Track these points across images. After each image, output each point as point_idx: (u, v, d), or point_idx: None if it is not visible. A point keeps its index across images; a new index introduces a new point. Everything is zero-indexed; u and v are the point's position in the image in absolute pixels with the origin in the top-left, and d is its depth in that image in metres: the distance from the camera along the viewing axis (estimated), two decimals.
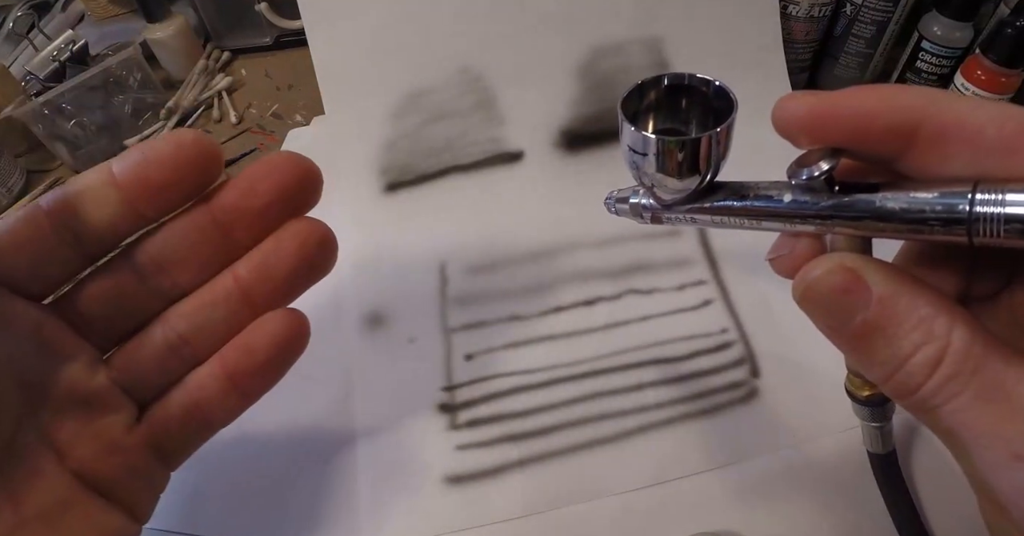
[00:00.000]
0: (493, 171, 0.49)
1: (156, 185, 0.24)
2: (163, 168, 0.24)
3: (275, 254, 0.26)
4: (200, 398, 0.27)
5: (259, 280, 0.26)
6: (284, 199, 0.25)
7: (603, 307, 0.42)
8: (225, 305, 0.26)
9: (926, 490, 0.32)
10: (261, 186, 0.25)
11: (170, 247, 0.26)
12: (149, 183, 0.23)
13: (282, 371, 0.28)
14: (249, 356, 0.27)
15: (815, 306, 0.19)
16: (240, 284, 0.26)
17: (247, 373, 0.27)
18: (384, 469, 0.36)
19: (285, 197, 0.25)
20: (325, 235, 0.27)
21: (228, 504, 0.35)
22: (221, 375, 0.27)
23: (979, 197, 0.16)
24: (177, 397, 0.27)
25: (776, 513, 0.32)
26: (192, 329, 0.26)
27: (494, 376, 0.39)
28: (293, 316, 0.27)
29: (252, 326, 0.27)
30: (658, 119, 0.22)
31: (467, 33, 0.48)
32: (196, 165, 0.24)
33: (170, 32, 0.63)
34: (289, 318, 0.27)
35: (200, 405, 0.27)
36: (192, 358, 0.27)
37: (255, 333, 0.27)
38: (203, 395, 0.27)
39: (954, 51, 0.46)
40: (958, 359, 0.16)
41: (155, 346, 0.26)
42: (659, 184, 0.22)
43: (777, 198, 0.21)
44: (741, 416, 0.36)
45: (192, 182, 0.25)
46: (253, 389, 0.28)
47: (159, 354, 0.26)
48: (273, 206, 0.25)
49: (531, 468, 0.35)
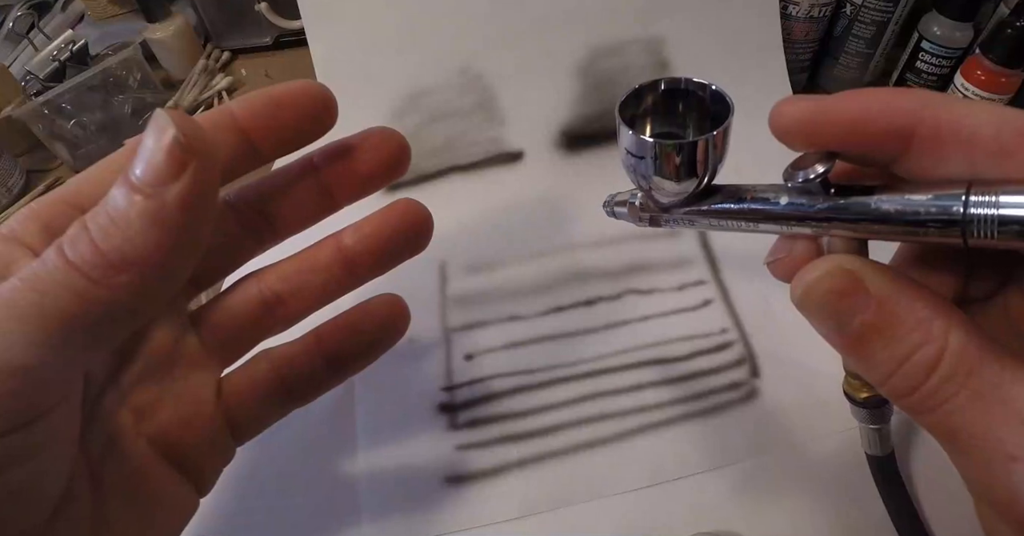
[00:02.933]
0: (493, 171, 0.49)
1: (280, 124, 0.24)
2: (288, 110, 0.24)
3: (384, 229, 0.27)
4: (288, 372, 0.27)
5: (364, 252, 0.27)
6: (384, 170, 0.27)
7: (603, 307, 0.42)
8: (326, 271, 0.27)
9: (925, 491, 0.32)
10: (369, 155, 0.26)
11: (274, 195, 0.26)
12: (273, 121, 0.24)
13: (378, 356, 0.29)
14: (354, 336, 0.28)
15: (813, 309, 0.19)
16: (344, 253, 0.27)
17: (345, 354, 0.28)
18: (384, 469, 0.36)
19: (386, 168, 0.27)
20: (427, 216, 0.28)
21: (228, 505, 0.35)
22: (315, 351, 0.27)
23: (973, 199, 0.16)
24: (260, 366, 0.27)
25: (776, 513, 0.32)
26: (290, 290, 0.27)
27: (494, 376, 0.39)
28: (398, 303, 0.29)
29: (360, 307, 0.28)
30: (655, 123, 0.22)
31: (467, 33, 0.48)
32: (318, 110, 0.25)
33: (170, 32, 0.63)
34: (396, 305, 0.29)
35: (287, 379, 0.27)
36: (284, 319, 0.27)
37: (363, 316, 0.28)
38: (292, 369, 0.27)
39: (954, 51, 0.46)
40: (955, 361, 0.16)
41: (250, 302, 0.26)
42: (657, 187, 0.22)
43: (774, 201, 0.21)
44: (741, 416, 0.36)
45: (312, 128, 0.25)
46: (346, 370, 0.28)
47: (254, 311, 0.26)
48: (375, 174, 0.27)
49: (531, 468, 0.35)
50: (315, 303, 0.27)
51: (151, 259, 0.18)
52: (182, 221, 0.19)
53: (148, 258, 0.18)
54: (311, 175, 0.26)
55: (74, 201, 0.22)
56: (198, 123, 0.19)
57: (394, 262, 0.29)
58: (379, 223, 0.27)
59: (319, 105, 0.24)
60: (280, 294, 0.26)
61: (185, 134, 0.18)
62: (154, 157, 0.18)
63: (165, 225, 0.18)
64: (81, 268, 0.18)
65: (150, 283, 0.19)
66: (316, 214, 0.27)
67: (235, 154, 0.24)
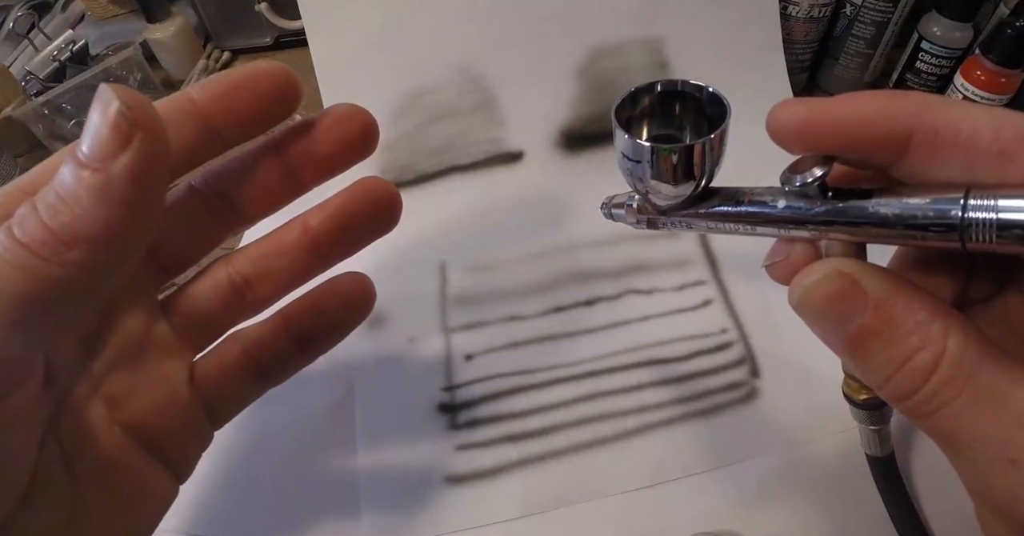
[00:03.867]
0: (493, 171, 0.49)
1: (240, 108, 0.23)
2: (248, 93, 0.23)
3: (348, 208, 0.27)
4: (258, 353, 0.27)
5: (330, 232, 0.27)
6: (351, 148, 0.26)
7: (603, 307, 0.42)
8: (292, 253, 0.27)
9: (925, 492, 0.32)
10: (330, 134, 0.25)
11: (239, 179, 0.26)
12: (233, 105, 0.23)
13: (345, 334, 0.29)
14: (320, 316, 0.28)
15: (811, 312, 0.19)
16: (310, 234, 0.27)
17: (311, 334, 0.28)
18: (384, 469, 0.36)
19: (352, 146, 0.26)
20: (394, 194, 0.28)
21: (228, 504, 0.35)
22: (282, 332, 0.27)
23: (972, 203, 0.16)
24: (231, 348, 0.27)
25: (776, 513, 0.32)
26: (258, 274, 0.26)
27: (494, 376, 0.39)
28: (362, 282, 0.29)
29: (324, 286, 0.28)
30: (652, 125, 0.22)
31: (467, 33, 0.48)
32: (279, 91, 0.24)
33: (170, 32, 0.63)
34: (359, 283, 0.29)
35: (258, 361, 0.27)
36: (254, 303, 0.27)
37: (327, 295, 0.28)
38: (261, 350, 0.27)
39: (954, 51, 0.46)
40: (954, 364, 0.17)
41: (220, 287, 0.26)
42: (654, 191, 0.22)
43: (771, 204, 0.21)
44: (741, 416, 0.36)
45: (274, 110, 0.24)
46: (314, 350, 0.28)
47: (224, 296, 0.26)
48: (339, 153, 0.26)
49: (531, 468, 0.35)
50: (284, 286, 0.27)
51: (102, 234, 0.18)
52: (131, 194, 0.18)
53: (98, 233, 0.18)
54: (274, 156, 0.26)
55: (28, 189, 0.21)
56: (141, 95, 0.19)
57: (362, 242, 0.28)
58: (344, 203, 0.27)
59: (280, 87, 0.24)
60: (248, 278, 0.26)
61: (129, 107, 0.18)
62: (99, 131, 0.18)
63: (114, 198, 0.18)
64: (31, 246, 0.18)
65: (103, 258, 0.19)
66: (283, 196, 0.27)
67: (197, 140, 0.23)
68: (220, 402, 0.27)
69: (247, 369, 0.27)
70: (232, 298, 0.26)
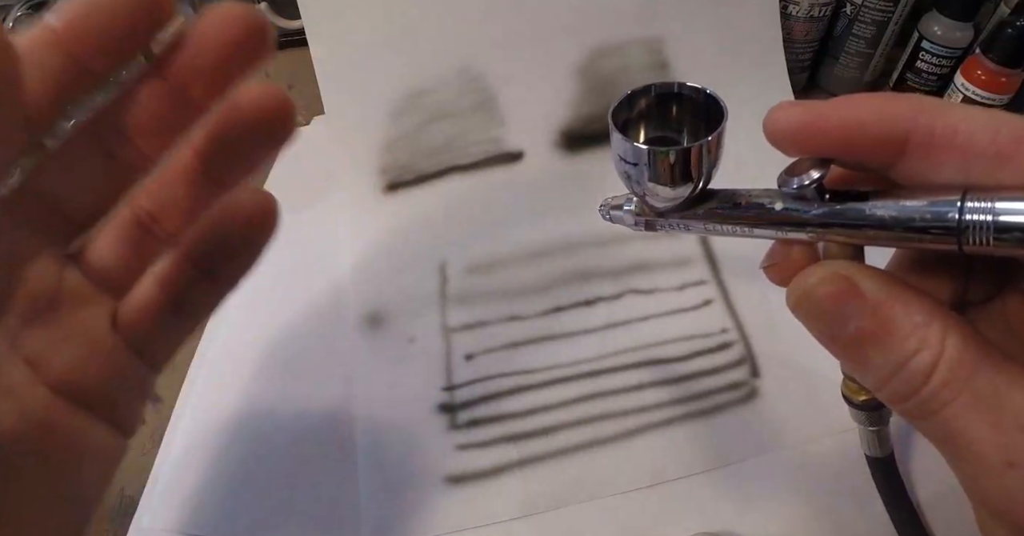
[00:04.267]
0: (493, 171, 0.49)
1: (101, 29, 0.21)
2: (105, 12, 0.21)
3: (229, 118, 0.24)
4: (175, 287, 0.25)
5: (216, 148, 0.25)
6: (236, 53, 0.23)
7: (603, 307, 0.42)
8: (186, 180, 0.25)
9: (925, 492, 0.32)
10: (210, 42, 0.23)
11: (126, 112, 0.23)
12: (94, 28, 0.21)
13: (253, 258, 0.27)
14: (218, 241, 0.26)
15: (810, 314, 0.19)
16: (200, 157, 0.25)
17: (215, 258, 0.26)
18: (384, 469, 0.36)
19: (237, 51, 0.23)
20: (279, 96, 0.25)
21: (228, 504, 0.35)
22: (186, 262, 0.26)
23: (969, 205, 0.16)
24: (150, 288, 0.25)
25: (776, 513, 0.33)
26: (158, 206, 0.25)
27: (494, 376, 0.39)
28: (262, 196, 0.27)
29: (218, 209, 0.26)
30: (649, 127, 0.22)
31: (467, 33, 0.48)
32: (140, 3, 0.21)
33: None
34: (258, 198, 0.26)
35: (171, 295, 0.25)
36: (164, 238, 0.25)
37: (222, 216, 0.26)
38: (171, 284, 0.25)
39: (954, 51, 0.46)
40: (952, 366, 0.17)
41: (127, 227, 0.24)
42: (651, 193, 0.22)
43: (769, 206, 0.21)
44: (741, 416, 0.36)
45: (138, 26, 0.22)
46: (225, 276, 0.27)
47: (131, 234, 0.24)
48: (226, 61, 0.23)
49: (531, 468, 0.35)
50: (188, 214, 0.25)
51: None
52: None
53: None
54: (154, 78, 0.23)
55: None
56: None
57: (256, 154, 0.26)
58: (223, 113, 0.24)
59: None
60: (151, 212, 0.25)
61: None
62: None
63: None
64: None
65: None
66: (178, 123, 0.24)
67: (65, 72, 0.21)
68: (148, 344, 0.25)
69: (163, 306, 0.25)
70: (140, 235, 0.25)
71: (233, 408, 0.38)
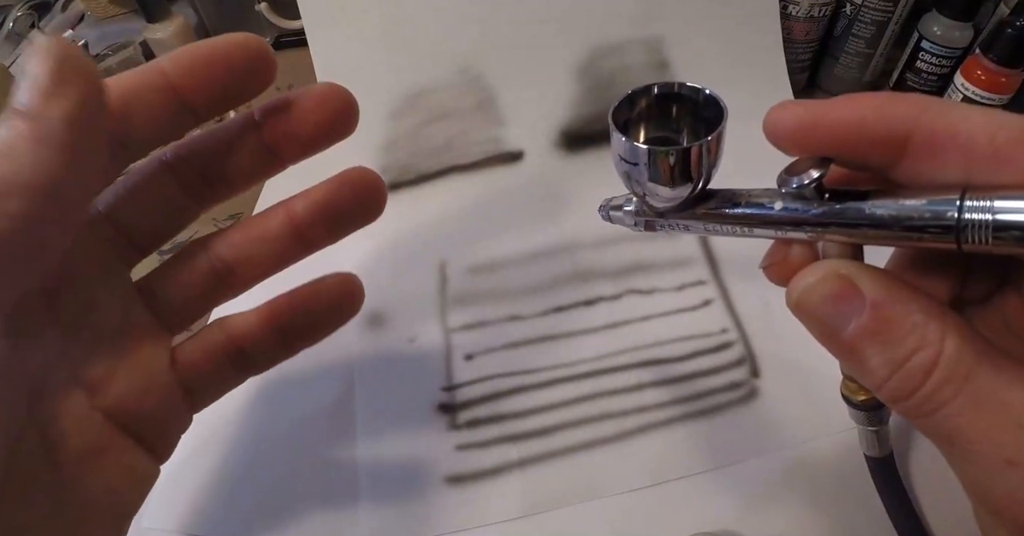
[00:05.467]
0: (493, 171, 0.49)
1: (213, 81, 0.23)
2: (221, 66, 0.23)
3: (334, 197, 0.27)
4: (243, 343, 0.27)
5: (315, 221, 0.27)
6: (328, 127, 0.26)
7: (603, 307, 0.42)
8: (276, 241, 0.27)
9: (925, 492, 0.32)
10: (312, 114, 0.25)
11: (214, 154, 0.25)
12: (206, 79, 0.23)
13: (330, 332, 0.29)
14: (306, 314, 0.28)
15: (809, 314, 0.19)
16: (294, 222, 0.27)
17: (297, 330, 0.28)
18: (384, 469, 0.36)
19: (329, 125, 0.26)
20: (379, 184, 0.28)
21: (228, 504, 0.35)
22: (268, 325, 0.27)
23: (968, 204, 0.16)
24: (215, 335, 0.27)
25: (776, 513, 0.32)
26: (239, 259, 0.26)
27: (494, 376, 0.39)
28: (351, 282, 0.29)
29: (313, 284, 0.28)
30: (649, 127, 0.22)
31: (467, 33, 0.48)
32: (254, 64, 0.24)
33: (170, 32, 0.63)
34: (348, 283, 0.29)
35: (242, 350, 0.27)
36: (234, 287, 0.27)
37: (315, 294, 0.28)
38: (246, 340, 0.27)
39: (954, 51, 0.46)
40: (951, 365, 0.17)
41: (200, 271, 0.26)
42: (651, 193, 0.22)
43: (769, 205, 0.21)
44: (741, 416, 0.36)
45: (248, 84, 0.24)
46: (299, 345, 0.29)
47: (204, 280, 0.26)
48: (319, 132, 0.26)
49: (531, 468, 0.35)
50: (265, 272, 0.27)
51: (40, 181, 0.18)
52: (69, 139, 0.18)
53: (37, 180, 0.18)
54: (252, 132, 0.25)
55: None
56: (74, 45, 0.19)
57: (345, 231, 0.28)
58: (330, 191, 0.27)
59: (254, 60, 0.23)
60: (229, 263, 0.26)
61: (65, 55, 0.18)
62: (35, 81, 0.18)
63: (51, 145, 0.18)
64: None
65: (42, 209, 0.18)
66: (259, 174, 0.26)
67: (167, 113, 0.23)
68: (201, 387, 0.27)
69: (231, 357, 0.27)
70: (212, 283, 0.26)
71: (233, 408, 0.38)
